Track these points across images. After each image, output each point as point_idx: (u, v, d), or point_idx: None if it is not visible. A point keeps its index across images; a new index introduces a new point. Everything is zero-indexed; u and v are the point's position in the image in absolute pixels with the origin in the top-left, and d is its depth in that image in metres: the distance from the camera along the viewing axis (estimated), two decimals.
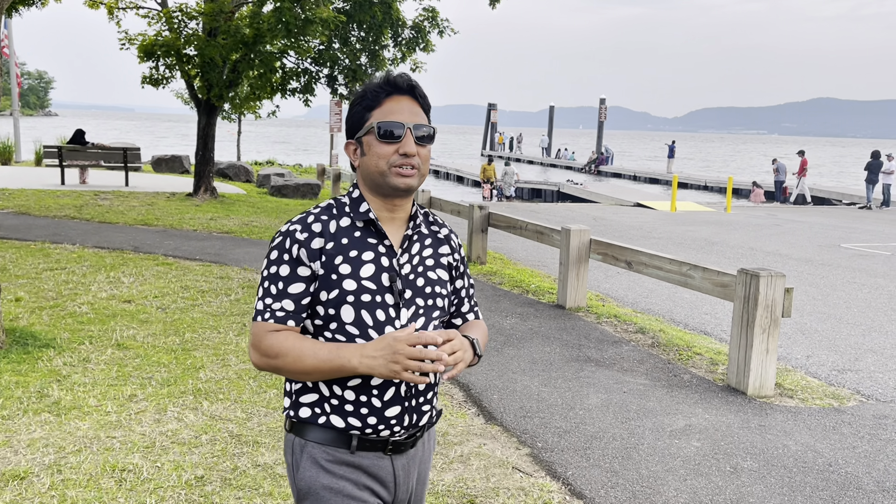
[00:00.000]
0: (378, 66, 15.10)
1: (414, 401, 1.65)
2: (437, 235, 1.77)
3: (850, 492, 3.54)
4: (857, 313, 7.53)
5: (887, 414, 4.65)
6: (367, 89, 1.67)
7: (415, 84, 1.67)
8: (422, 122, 1.65)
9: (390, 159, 1.61)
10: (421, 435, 1.71)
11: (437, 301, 1.69)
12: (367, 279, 1.60)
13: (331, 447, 1.62)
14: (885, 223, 17.11)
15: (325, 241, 1.60)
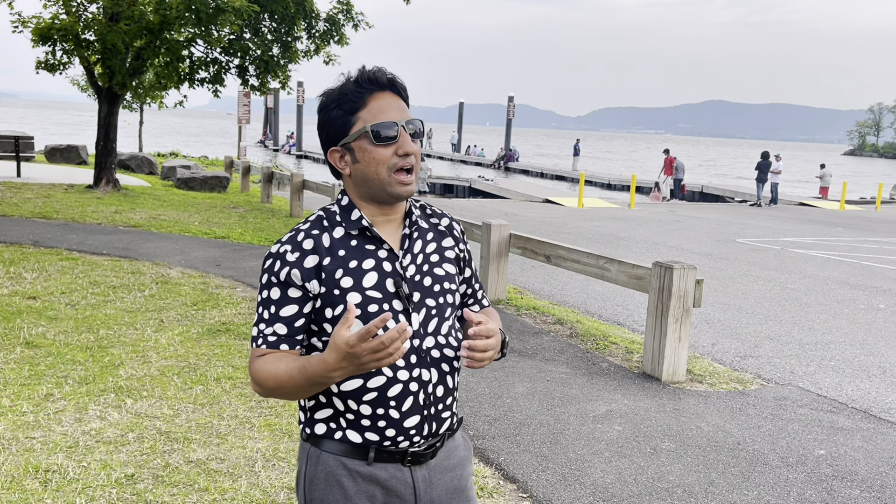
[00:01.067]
0: (291, 58, 14.85)
1: (433, 408, 1.56)
2: (438, 227, 1.67)
3: (757, 467, 3.82)
4: (754, 303, 8.05)
5: (786, 395, 5.02)
6: (344, 91, 1.55)
7: (393, 77, 1.56)
8: (412, 118, 1.56)
9: (390, 162, 1.52)
10: (441, 444, 1.61)
11: (448, 298, 1.60)
12: (372, 288, 1.51)
13: (349, 459, 1.53)
14: (774, 219, 18.24)
15: (320, 258, 1.51)
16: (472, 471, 1.73)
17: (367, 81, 1.54)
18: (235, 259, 8.82)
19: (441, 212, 1.72)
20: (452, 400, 1.62)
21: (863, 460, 3.97)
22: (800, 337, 6.69)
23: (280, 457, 3.64)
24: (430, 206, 1.72)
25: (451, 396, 1.62)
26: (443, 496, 1.62)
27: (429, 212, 1.70)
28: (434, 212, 1.71)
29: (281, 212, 14.17)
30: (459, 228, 1.73)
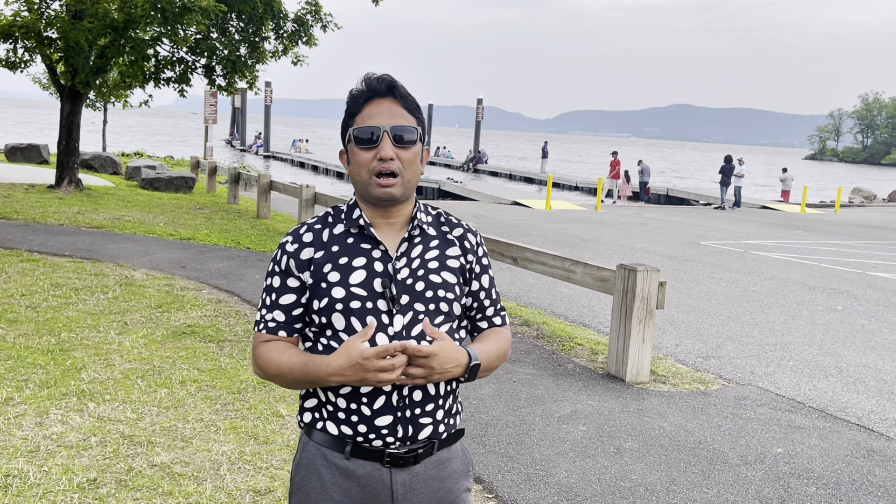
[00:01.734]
0: (259, 59, 14.74)
1: (408, 412, 1.56)
2: (447, 236, 1.68)
3: (717, 466, 3.91)
4: (716, 305, 8.19)
5: (746, 395, 5.13)
6: (351, 95, 1.63)
7: (395, 84, 1.61)
8: (402, 123, 1.58)
9: (370, 166, 1.57)
10: (428, 452, 1.60)
11: (442, 305, 1.60)
12: (357, 286, 1.56)
13: (329, 450, 1.58)
14: (737, 222, 18.58)
15: (314, 251, 1.60)
16: (468, 487, 1.70)
17: (367, 87, 1.60)
18: (201, 261, 8.74)
19: (458, 222, 1.72)
20: (436, 408, 1.60)
21: (819, 458, 4.08)
22: (760, 338, 6.83)
23: (245, 460, 3.63)
24: (448, 216, 1.73)
25: (434, 404, 1.59)
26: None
27: (443, 220, 1.71)
28: (450, 221, 1.71)
29: (248, 213, 14.06)
30: (475, 241, 1.71)
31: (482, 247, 1.72)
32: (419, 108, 1.64)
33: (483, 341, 1.68)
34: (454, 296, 1.63)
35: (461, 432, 1.70)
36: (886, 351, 6.60)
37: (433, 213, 1.70)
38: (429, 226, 1.67)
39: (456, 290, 1.64)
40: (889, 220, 22.29)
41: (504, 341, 1.70)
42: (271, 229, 12.06)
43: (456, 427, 1.68)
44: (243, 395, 4.50)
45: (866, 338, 7.05)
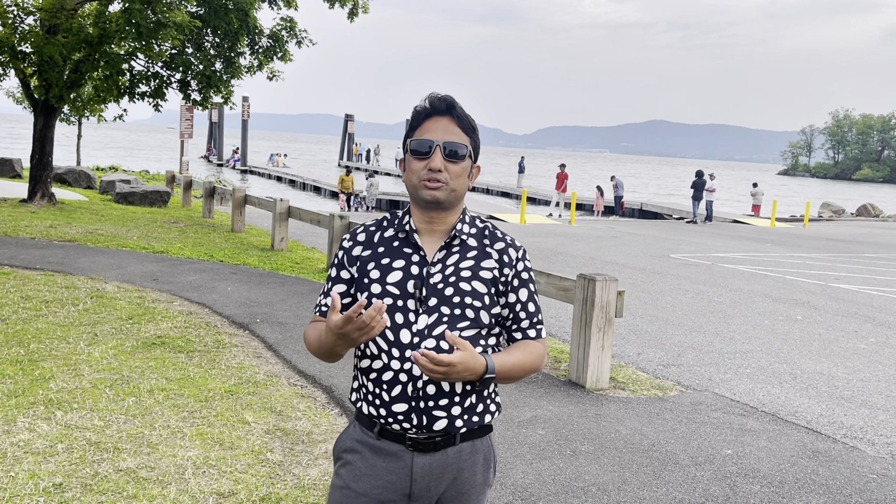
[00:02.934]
0: (234, 74, 14.85)
1: (422, 403, 1.72)
2: (486, 249, 1.81)
3: (668, 466, 4.06)
4: (681, 315, 8.40)
5: (702, 401, 5.30)
6: (415, 112, 1.81)
7: (454, 105, 1.78)
8: (455, 140, 1.76)
9: (420, 174, 1.75)
10: (449, 442, 1.76)
11: (468, 311, 1.74)
12: (393, 284, 1.74)
13: (365, 428, 1.79)
14: (707, 236, 18.91)
15: (362, 249, 1.81)
16: (488, 483, 1.85)
17: (429, 106, 1.79)
18: (174, 274, 8.79)
19: (502, 236, 1.85)
20: (451, 404, 1.73)
21: (766, 459, 4.25)
22: (721, 346, 7.03)
23: (210, 464, 3.72)
24: (494, 230, 1.86)
25: (448, 400, 1.73)
26: (445, 493, 1.79)
27: (487, 233, 1.85)
28: (494, 235, 1.85)
29: (222, 227, 14.10)
30: (516, 255, 1.82)
31: (523, 261, 1.83)
32: (474, 129, 1.81)
33: (509, 352, 1.78)
34: (482, 304, 1.76)
35: (488, 428, 1.83)
36: (840, 358, 6.82)
37: (479, 227, 1.85)
38: (470, 237, 1.82)
39: (485, 300, 1.76)
40: (855, 233, 22.79)
41: (533, 353, 1.80)
42: (245, 243, 12.12)
43: (482, 423, 1.80)
44: (210, 403, 4.58)
45: (822, 346, 7.28)
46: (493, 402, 1.83)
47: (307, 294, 8.10)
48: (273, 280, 8.83)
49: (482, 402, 1.80)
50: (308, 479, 3.64)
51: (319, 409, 4.66)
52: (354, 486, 1.79)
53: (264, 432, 4.19)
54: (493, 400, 1.83)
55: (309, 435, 4.19)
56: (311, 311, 7.30)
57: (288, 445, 4.03)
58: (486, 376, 1.68)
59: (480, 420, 1.79)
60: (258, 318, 6.89)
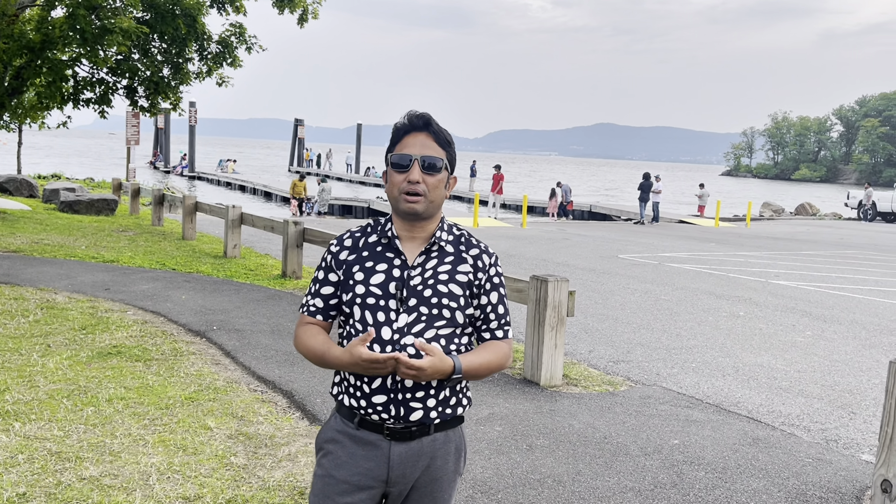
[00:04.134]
0: (182, 80, 14.71)
1: (400, 395, 1.87)
2: (463, 255, 1.97)
3: (620, 457, 4.26)
4: (629, 314, 8.67)
5: (650, 395, 5.53)
6: (395, 128, 1.96)
7: (430, 121, 1.94)
8: (432, 154, 1.91)
9: (400, 186, 1.90)
10: (424, 432, 1.91)
11: (444, 312, 1.89)
12: (376, 286, 1.90)
13: (345, 419, 1.95)
14: (655, 236, 19.42)
15: (349, 254, 1.96)
16: (458, 471, 2.00)
17: (407, 123, 1.95)
18: (126, 283, 8.70)
19: (477, 243, 2.00)
20: (426, 396, 1.89)
21: (710, 447, 4.48)
22: (668, 343, 7.31)
23: (175, 470, 3.77)
24: (470, 237, 2.02)
25: (424, 392, 1.89)
26: (420, 479, 1.94)
27: (463, 241, 2.00)
28: (469, 242, 2.00)
29: (173, 234, 13.94)
30: (488, 261, 1.98)
31: (495, 267, 1.99)
32: (450, 143, 1.97)
33: (477, 352, 1.95)
34: (457, 305, 1.91)
35: (460, 419, 1.99)
36: (779, 351, 7.16)
37: (456, 234, 2.00)
38: (448, 244, 1.97)
39: (460, 301, 1.92)
40: (794, 231, 23.65)
41: (498, 353, 1.97)
42: (197, 250, 12.02)
43: (455, 415, 1.95)
44: (171, 410, 4.61)
45: (762, 340, 7.62)
46: (465, 396, 1.98)
47: (263, 301, 8.12)
48: (228, 287, 8.81)
49: (455, 396, 1.95)
50: (273, 480, 3.72)
51: (280, 413, 4.73)
52: (335, 473, 1.93)
53: (227, 437, 4.24)
54: (464, 394, 1.98)
55: (271, 438, 4.26)
56: (267, 317, 7.34)
57: (251, 449, 4.10)
58: (453, 376, 1.85)
59: (453, 412, 1.94)
60: (215, 325, 6.90)
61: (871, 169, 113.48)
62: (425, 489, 1.95)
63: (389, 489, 1.93)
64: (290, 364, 5.76)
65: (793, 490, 3.92)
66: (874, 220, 31.61)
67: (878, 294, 11.05)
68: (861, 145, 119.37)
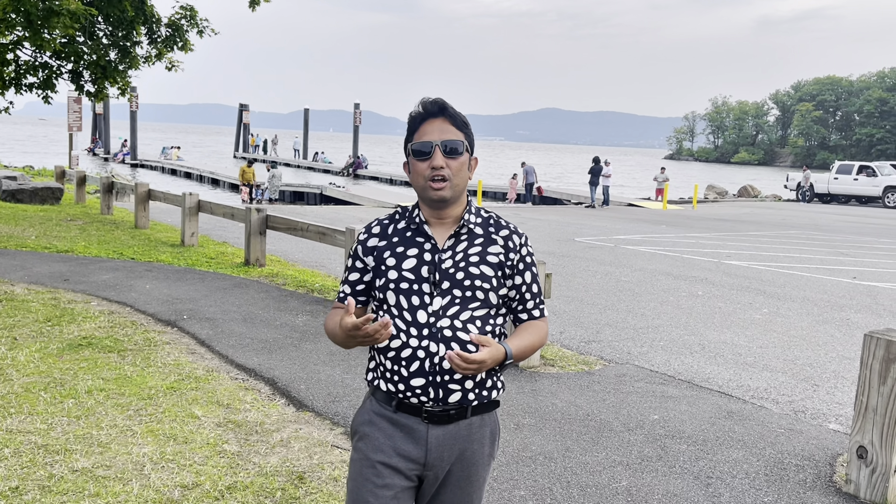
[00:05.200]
0: (130, 64, 14.27)
1: (438, 377, 1.87)
2: (492, 236, 1.98)
3: (605, 433, 4.39)
4: (594, 295, 8.86)
5: (625, 373, 5.69)
6: (410, 117, 1.96)
7: (445, 106, 1.94)
8: (452, 138, 1.92)
9: (425, 174, 1.91)
10: (461, 415, 1.92)
11: (478, 293, 1.91)
12: (408, 270, 1.91)
13: (383, 403, 1.95)
14: (607, 219, 19.78)
15: (378, 240, 1.98)
16: (492, 455, 2.01)
17: (423, 110, 1.95)
18: (85, 273, 8.49)
19: (506, 224, 2.01)
20: (464, 378, 1.89)
21: (688, 421, 4.66)
22: (634, 323, 7.50)
23: (168, 459, 3.74)
24: (498, 219, 2.02)
25: (462, 374, 1.86)
26: (455, 462, 1.95)
27: (492, 222, 2.01)
28: (498, 224, 2.01)
29: (125, 223, 13.60)
30: (519, 241, 2.00)
31: (527, 247, 2.01)
32: (467, 125, 1.96)
33: (520, 335, 1.96)
34: (490, 286, 1.93)
35: (495, 403, 2.00)
36: (739, 328, 7.43)
37: (484, 216, 2.02)
38: (477, 226, 1.98)
39: (493, 282, 1.93)
40: (739, 213, 24.38)
41: (540, 332, 2.00)
42: (153, 239, 11.77)
43: (490, 399, 1.96)
44: (154, 400, 4.56)
45: (723, 318, 7.89)
46: (499, 380, 1.99)
47: (230, 289, 8.03)
48: (191, 276, 8.67)
49: (491, 379, 1.96)
50: (269, 466, 3.72)
51: (266, 400, 4.72)
52: (373, 455, 1.93)
53: (216, 425, 4.22)
54: (500, 378, 2.00)
55: (261, 425, 4.26)
56: (237, 306, 7.26)
57: (242, 436, 4.09)
58: (506, 362, 1.88)
59: (489, 395, 1.96)
60: (184, 314, 6.79)
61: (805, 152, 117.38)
62: (461, 473, 1.97)
63: (426, 472, 1.94)
64: (269, 352, 5.73)
65: (770, 459, 4.11)
66: (812, 202, 32.78)
67: (824, 272, 11.52)
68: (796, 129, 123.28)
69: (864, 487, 3.60)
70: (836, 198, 32.63)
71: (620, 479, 3.77)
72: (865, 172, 31.56)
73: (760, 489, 3.72)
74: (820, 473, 3.95)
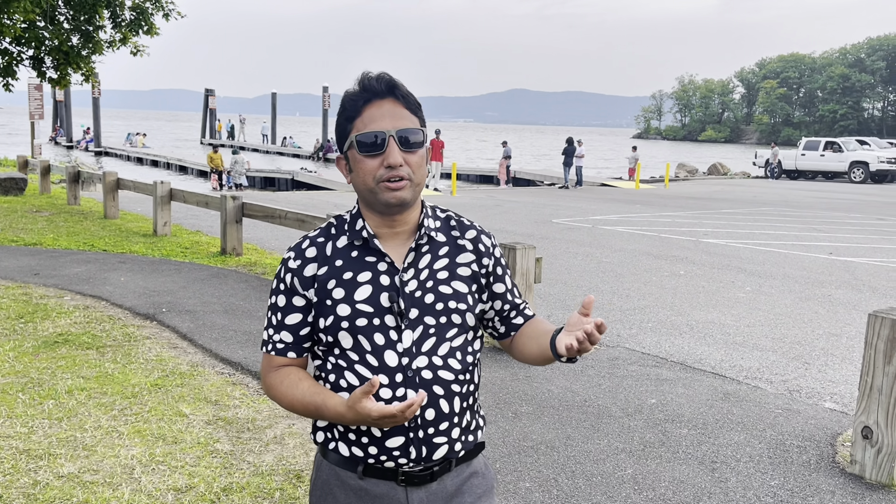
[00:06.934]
0: (94, 49, 13.86)
1: (421, 432, 1.49)
2: (458, 241, 1.59)
3: (604, 419, 4.32)
4: (577, 277, 8.81)
5: (617, 356, 5.64)
6: (345, 98, 1.52)
7: (395, 84, 1.51)
8: (407, 126, 1.49)
9: (376, 174, 1.48)
10: (446, 469, 1.54)
11: (454, 317, 1.53)
12: (363, 302, 1.49)
13: (342, 469, 1.54)
14: (582, 200, 19.78)
15: (317, 266, 1.52)
16: (488, 491, 1.64)
17: (364, 88, 1.50)
18: (55, 267, 8.21)
19: (470, 224, 1.63)
20: (451, 426, 1.52)
21: (686, 404, 4.61)
22: (620, 304, 7.46)
23: (158, 461, 3.59)
24: (459, 218, 1.64)
25: (449, 422, 1.52)
26: None
27: (453, 223, 1.62)
28: (461, 223, 1.63)
29: (93, 213, 13.24)
30: (490, 243, 1.63)
31: (498, 248, 1.65)
32: (420, 107, 1.55)
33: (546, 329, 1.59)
34: (467, 306, 1.55)
35: (481, 446, 1.64)
36: (725, 307, 7.44)
37: (442, 217, 1.62)
38: (437, 231, 1.58)
39: (468, 300, 1.56)
40: (711, 191, 24.55)
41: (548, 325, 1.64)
42: (124, 230, 11.46)
43: (476, 441, 1.61)
44: (139, 398, 4.39)
45: (708, 297, 7.89)
46: (480, 416, 1.65)
47: (208, 280, 7.82)
48: (167, 267, 8.44)
49: (474, 418, 1.61)
50: (265, 465, 3.60)
51: (255, 395, 4.58)
52: None
53: (205, 423, 4.07)
54: (479, 413, 1.65)
55: (253, 422, 4.12)
56: (217, 297, 7.08)
57: (234, 434, 3.95)
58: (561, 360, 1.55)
59: (474, 438, 1.61)
60: (163, 307, 6.60)
61: (770, 129, 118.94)
62: None
63: None
64: (254, 344, 5.58)
65: (772, 441, 4.08)
66: (780, 178, 33.17)
67: (801, 248, 11.62)
68: (761, 106, 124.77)
69: (869, 468, 3.58)
70: (803, 174, 33.05)
71: (625, 467, 3.71)
72: (832, 148, 31.97)
73: (766, 472, 3.69)
74: (822, 454, 3.93)
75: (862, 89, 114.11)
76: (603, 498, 3.40)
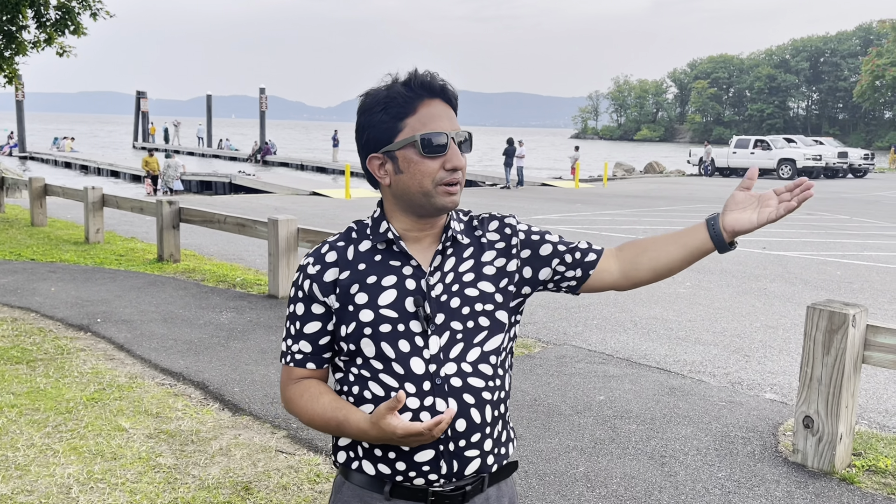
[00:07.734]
0: (17, 50, 13.27)
1: (452, 444, 1.41)
2: (481, 240, 1.53)
3: (554, 417, 4.34)
4: None
5: (564, 354, 5.68)
6: (392, 94, 1.43)
7: (445, 84, 1.46)
8: (461, 129, 1.46)
9: (436, 176, 1.42)
10: (478, 489, 1.47)
11: (482, 320, 1.46)
12: (387, 307, 1.43)
13: (366, 490, 1.46)
14: (524, 200, 19.96)
15: (339, 271, 1.46)
16: None
17: (419, 86, 1.43)
18: None
19: (489, 216, 1.58)
20: (483, 438, 1.44)
21: (634, 400, 4.67)
22: (565, 302, 7.53)
23: (97, 479, 3.43)
24: (479, 217, 1.58)
25: (481, 433, 1.44)
26: None
27: (475, 223, 1.56)
28: (482, 220, 1.57)
29: (19, 221, 12.70)
30: (512, 222, 1.57)
31: (522, 223, 1.59)
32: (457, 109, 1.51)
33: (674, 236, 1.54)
34: (494, 305, 1.48)
35: (514, 465, 1.56)
36: (667, 303, 7.58)
37: (465, 220, 1.56)
38: (461, 234, 1.52)
39: (496, 298, 1.49)
40: (648, 189, 25.10)
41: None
42: (53, 237, 11.01)
43: (508, 458, 1.53)
44: (74, 413, 4.20)
45: (649, 293, 8.03)
46: (511, 429, 1.59)
47: (145, 288, 7.57)
48: (101, 275, 8.14)
49: (507, 430, 1.55)
50: (211, 478, 3.48)
51: (198, 405, 4.43)
52: None
53: (146, 437, 3.92)
54: (510, 426, 1.58)
55: (197, 434, 3.99)
56: (154, 305, 6.85)
57: (177, 447, 3.81)
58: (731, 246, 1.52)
59: (506, 453, 1.53)
60: (98, 317, 6.35)
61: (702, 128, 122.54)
62: None
63: None
64: (195, 353, 5.41)
65: (717, 433, 4.16)
66: (713, 175, 34.16)
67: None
68: (693, 105, 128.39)
69: (811, 456, 3.68)
70: (735, 171, 34.09)
71: (577, 465, 3.72)
72: (761, 146, 33.09)
73: (713, 465, 3.75)
74: (766, 444, 4.02)
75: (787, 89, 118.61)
76: (556, 497, 3.41)
